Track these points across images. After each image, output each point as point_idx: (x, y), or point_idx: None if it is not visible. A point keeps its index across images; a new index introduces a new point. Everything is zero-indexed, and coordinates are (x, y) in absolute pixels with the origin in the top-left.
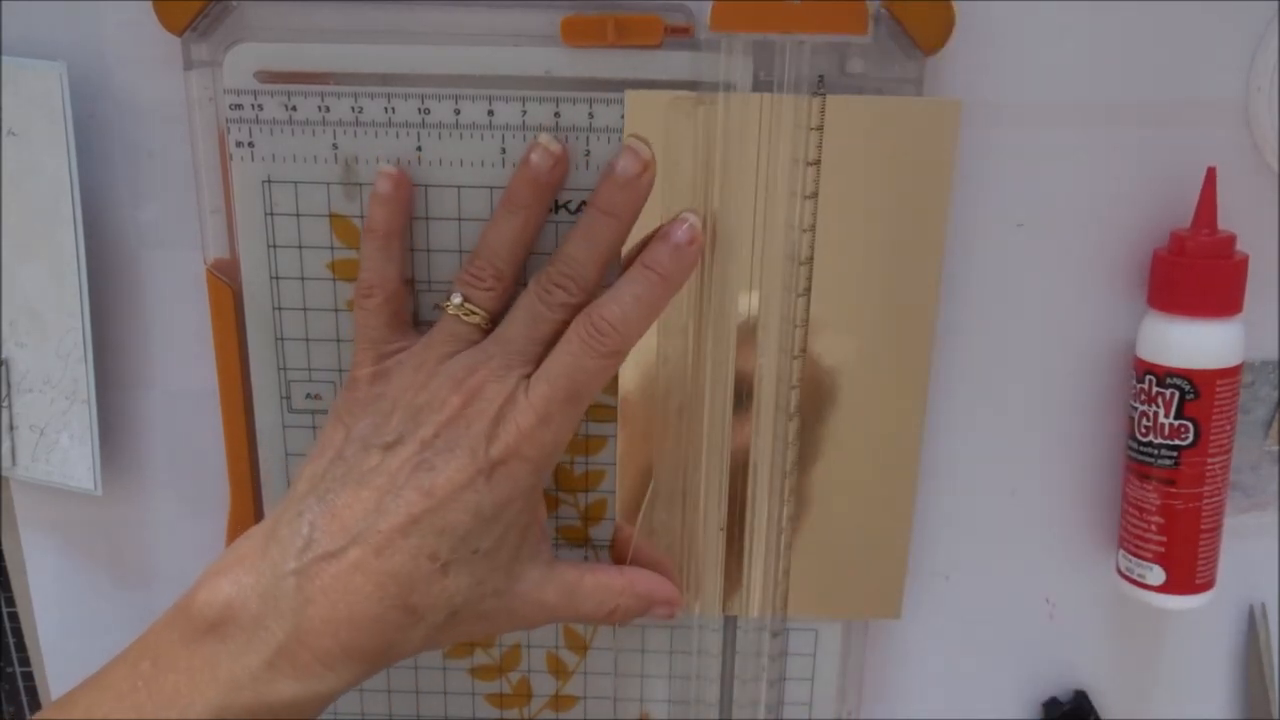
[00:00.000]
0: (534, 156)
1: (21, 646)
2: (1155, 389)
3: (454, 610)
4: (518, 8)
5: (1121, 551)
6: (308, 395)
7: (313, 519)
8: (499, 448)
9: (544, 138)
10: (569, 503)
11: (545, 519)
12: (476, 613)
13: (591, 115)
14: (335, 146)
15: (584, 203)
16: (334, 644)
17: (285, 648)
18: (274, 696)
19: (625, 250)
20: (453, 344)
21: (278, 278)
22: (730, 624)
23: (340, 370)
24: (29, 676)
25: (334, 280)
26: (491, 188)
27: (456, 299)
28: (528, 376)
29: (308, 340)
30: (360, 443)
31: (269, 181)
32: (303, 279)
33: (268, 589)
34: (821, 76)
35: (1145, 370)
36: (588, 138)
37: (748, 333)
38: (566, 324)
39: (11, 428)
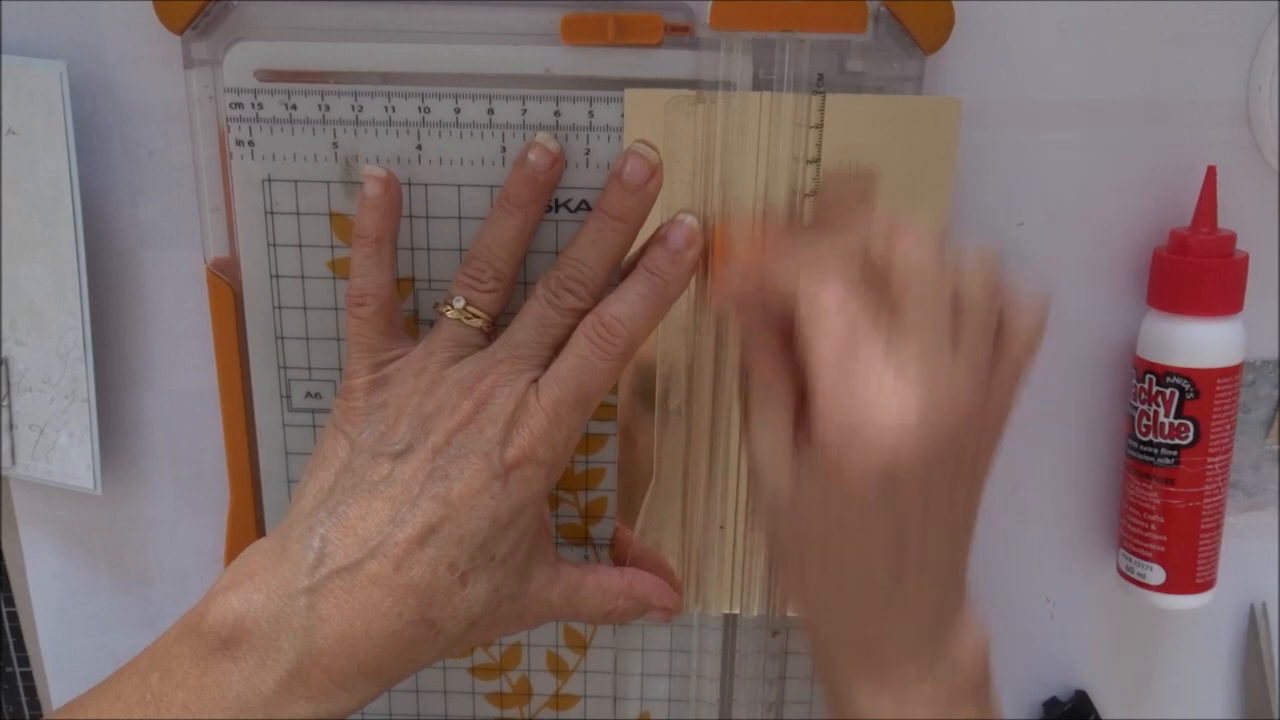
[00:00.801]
0: (532, 155)
1: (21, 646)
2: (1155, 388)
3: (473, 621)
4: (518, 7)
5: (1121, 551)
6: (308, 394)
7: (324, 533)
8: (513, 452)
9: (542, 136)
10: (569, 501)
11: (549, 519)
12: (492, 619)
13: (591, 114)
14: (335, 145)
15: (584, 202)
16: (350, 663)
17: (298, 669)
18: (286, 718)
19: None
20: (455, 348)
21: (278, 276)
22: (730, 622)
23: (341, 369)
24: (28, 676)
25: (334, 279)
26: (491, 186)
27: (459, 303)
28: (535, 380)
29: (308, 339)
30: (369, 453)
31: (269, 180)
32: (303, 277)
33: (280, 608)
34: (821, 75)
35: (1145, 370)
36: (588, 136)
37: None
38: (573, 328)
39: (11, 427)
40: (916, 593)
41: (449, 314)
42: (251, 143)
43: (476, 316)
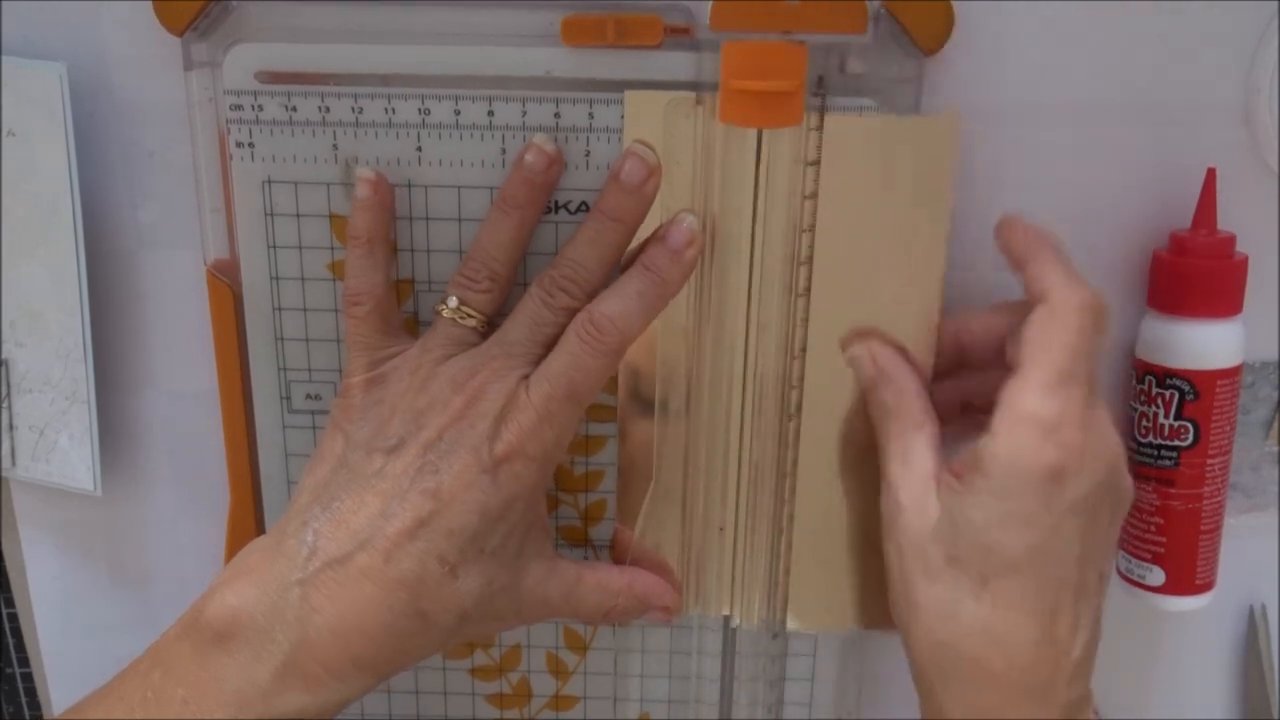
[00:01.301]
0: (529, 157)
1: (21, 647)
2: (1155, 390)
3: (464, 614)
4: (518, 8)
5: (1121, 552)
6: (308, 395)
7: (317, 527)
8: (502, 446)
9: (539, 138)
10: (569, 503)
11: (547, 516)
12: (485, 612)
13: (591, 115)
14: (335, 147)
15: (584, 203)
16: (343, 655)
17: (293, 660)
18: (283, 709)
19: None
20: (449, 347)
21: (278, 278)
22: (730, 624)
23: (341, 370)
24: (28, 677)
25: (334, 280)
26: (491, 188)
27: (452, 302)
28: (527, 377)
29: (307, 340)
30: (362, 448)
31: (269, 182)
32: (303, 279)
33: (274, 601)
34: (821, 77)
35: (1145, 371)
36: (588, 138)
37: (748, 332)
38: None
39: (11, 428)
40: (1064, 630)
41: (444, 313)
42: (251, 144)
43: (471, 316)
